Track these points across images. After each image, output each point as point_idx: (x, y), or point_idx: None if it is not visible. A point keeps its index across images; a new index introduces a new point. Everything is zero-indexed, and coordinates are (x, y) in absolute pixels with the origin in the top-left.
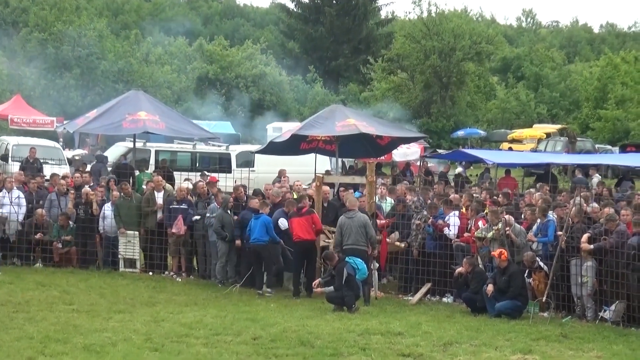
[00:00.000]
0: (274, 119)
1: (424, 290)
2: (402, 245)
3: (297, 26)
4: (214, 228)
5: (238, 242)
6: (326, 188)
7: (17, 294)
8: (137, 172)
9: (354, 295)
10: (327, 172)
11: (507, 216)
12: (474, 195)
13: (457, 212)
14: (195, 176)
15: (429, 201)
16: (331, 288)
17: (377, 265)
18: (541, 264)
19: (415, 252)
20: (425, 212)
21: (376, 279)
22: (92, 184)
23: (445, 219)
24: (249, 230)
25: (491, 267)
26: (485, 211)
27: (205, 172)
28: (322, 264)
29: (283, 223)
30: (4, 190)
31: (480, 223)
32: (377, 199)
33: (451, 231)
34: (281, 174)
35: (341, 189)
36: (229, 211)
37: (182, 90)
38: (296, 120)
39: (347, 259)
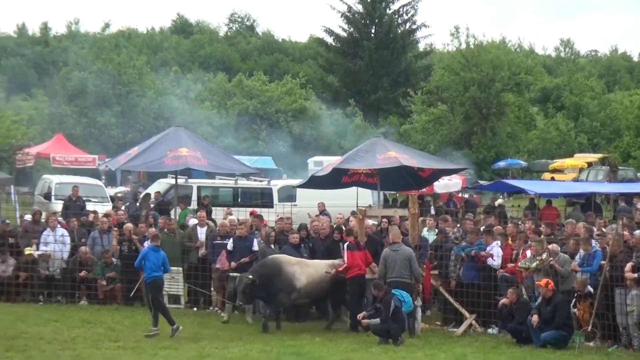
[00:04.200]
0: (314, 153)
1: (468, 321)
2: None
3: (336, 60)
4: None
5: None
6: (369, 222)
7: (63, 331)
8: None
9: (400, 328)
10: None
11: (551, 246)
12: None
13: (499, 242)
14: (237, 211)
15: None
16: (377, 320)
17: (421, 302)
18: (591, 289)
19: (453, 283)
20: (464, 243)
21: (419, 312)
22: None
23: (488, 249)
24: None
25: (534, 297)
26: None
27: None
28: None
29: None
30: (48, 229)
31: (528, 252)
32: (425, 230)
33: (495, 261)
34: (320, 208)
35: (384, 220)
36: (272, 245)
37: (223, 126)
38: (337, 154)
39: (393, 291)
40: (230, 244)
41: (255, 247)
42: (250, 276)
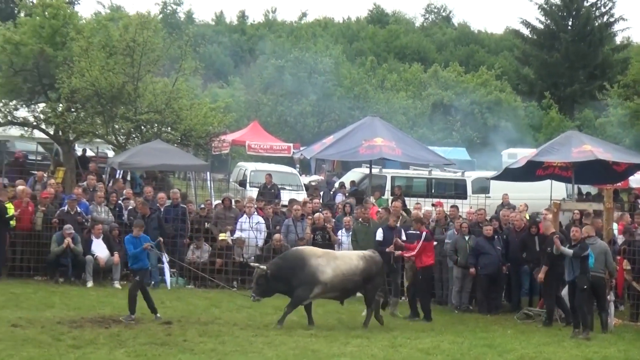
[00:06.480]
0: (509, 145)
1: None
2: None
3: (532, 52)
4: (447, 251)
5: (472, 269)
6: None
7: (256, 318)
8: (372, 199)
9: (585, 279)
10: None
11: None
12: None
13: None
14: (431, 202)
15: None
16: (572, 251)
17: (614, 297)
18: None
19: None
20: None
21: (612, 308)
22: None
23: None
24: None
25: None
26: None
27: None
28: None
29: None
30: (245, 215)
31: None
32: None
33: None
34: (505, 200)
35: (575, 212)
36: (465, 237)
37: (417, 116)
38: (531, 147)
39: None
40: (380, 234)
41: (380, 237)
42: (264, 267)
